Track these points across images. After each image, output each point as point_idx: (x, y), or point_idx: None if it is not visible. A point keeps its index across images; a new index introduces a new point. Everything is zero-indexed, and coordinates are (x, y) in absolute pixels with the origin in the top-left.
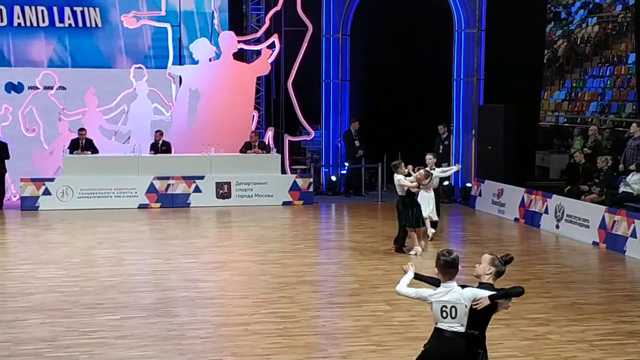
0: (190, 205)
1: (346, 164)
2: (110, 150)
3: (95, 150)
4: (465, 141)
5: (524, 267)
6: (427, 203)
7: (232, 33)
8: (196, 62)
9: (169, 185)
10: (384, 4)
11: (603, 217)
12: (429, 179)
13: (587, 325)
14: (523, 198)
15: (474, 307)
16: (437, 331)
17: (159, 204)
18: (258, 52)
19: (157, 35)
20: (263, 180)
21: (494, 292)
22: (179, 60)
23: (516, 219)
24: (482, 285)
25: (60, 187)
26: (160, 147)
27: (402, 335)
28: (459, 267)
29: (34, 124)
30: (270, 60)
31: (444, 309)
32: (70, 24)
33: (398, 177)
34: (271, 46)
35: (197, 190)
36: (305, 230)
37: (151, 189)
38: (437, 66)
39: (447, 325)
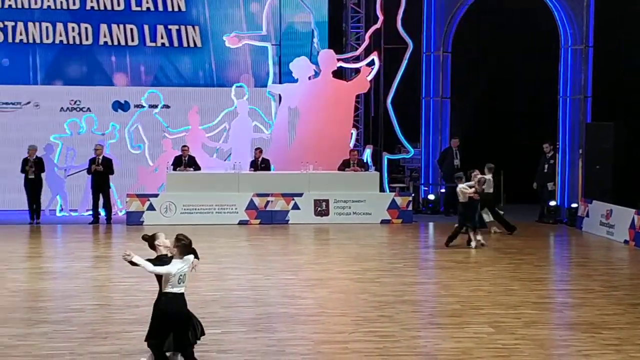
0: (289, 222)
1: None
2: (211, 167)
3: (197, 167)
4: (571, 160)
5: (636, 290)
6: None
7: (331, 51)
8: (296, 81)
9: (268, 202)
10: (486, 21)
11: None
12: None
13: None
14: (634, 219)
15: (193, 269)
16: (166, 294)
17: (258, 221)
18: (357, 70)
19: (258, 54)
20: (361, 198)
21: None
22: (279, 78)
23: (626, 241)
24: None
25: (163, 202)
26: (260, 164)
27: (507, 359)
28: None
29: (139, 141)
30: (369, 78)
31: (180, 277)
32: (163, 43)
33: (461, 187)
34: (370, 64)
35: (296, 207)
36: (404, 249)
37: (251, 206)
38: (543, 83)
39: (177, 289)
